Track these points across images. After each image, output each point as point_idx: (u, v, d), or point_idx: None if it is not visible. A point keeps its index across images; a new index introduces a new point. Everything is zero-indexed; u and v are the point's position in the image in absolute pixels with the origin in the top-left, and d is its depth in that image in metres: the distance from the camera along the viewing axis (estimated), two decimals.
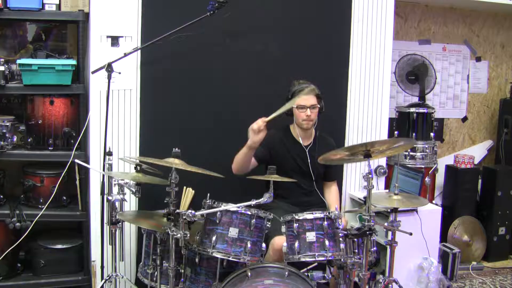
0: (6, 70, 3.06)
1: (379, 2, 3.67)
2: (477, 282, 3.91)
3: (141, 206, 3.22)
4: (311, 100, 3.10)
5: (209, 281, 2.61)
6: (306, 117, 3.11)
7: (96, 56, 3.09)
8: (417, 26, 4.71)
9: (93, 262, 3.16)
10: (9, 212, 3.13)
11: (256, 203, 2.44)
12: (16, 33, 3.47)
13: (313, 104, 3.11)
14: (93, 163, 3.12)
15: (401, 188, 3.34)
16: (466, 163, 4.31)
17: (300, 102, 3.08)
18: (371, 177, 2.48)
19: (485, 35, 4.98)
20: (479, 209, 4.39)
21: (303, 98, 3.07)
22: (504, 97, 5.00)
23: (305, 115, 3.10)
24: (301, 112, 3.11)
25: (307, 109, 3.09)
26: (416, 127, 4.27)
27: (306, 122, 3.13)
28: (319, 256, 2.47)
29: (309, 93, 3.08)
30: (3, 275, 3.15)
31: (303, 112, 3.10)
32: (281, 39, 3.48)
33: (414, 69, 4.38)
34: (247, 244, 2.47)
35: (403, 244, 3.09)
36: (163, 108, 3.28)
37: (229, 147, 3.40)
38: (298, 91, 3.08)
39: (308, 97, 3.09)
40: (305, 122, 3.13)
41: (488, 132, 5.12)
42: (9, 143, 3.11)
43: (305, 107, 3.09)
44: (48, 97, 3.16)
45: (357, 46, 3.66)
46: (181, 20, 3.06)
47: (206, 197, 2.57)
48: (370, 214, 2.46)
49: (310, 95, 3.10)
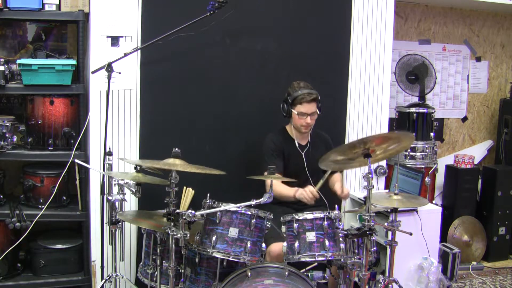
0: (6, 70, 3.06)
1: (379, 2, 3.67)
2: (477, 282, 3.91)
3: (141, 206, 3.22)
4: (313, 108, 3.07)
5: (209, 281, 2.61)
6: (306, 124, 3.09)
7: (96, 56, 3.09)
8: (417, 26, 4.71)
9: (93, 262, 3.16)
10: (9, 212, 3.13)
11: (256, 203, 2.44)
12: (16, 33, 3.47)
13: (314, 112, 3.08)
14: (93, 163, 3.12)
15: (401, 188, 3.34)
16: (466, 163, 4.31)
17: (301, 109, 3.05)
18: (371, 177, 2.48)
19: (485, 35, 4.98)
20: (479, 209, 4.39)
21: (304, 106, 3.05)
22: (504, 97, 5.00)
23: (305, 121, 3.08)
24: (301, 118, 3.08)
25: (308, 116, 3.07)
26: (416, 127, 4.27)
27: (305, 127, 3.11)
28: (319, 256, 2.46)
29: (312, 102, 3.06)
30: (3, 275, 3.15)
31: (303, 119, 3.08)
32: (281, 39, 3.48)
33: (414, 69, 4.38)
34: (247, 244, 2.47)
35: (403, 244, 3.09)
36: (163, 108, 3.28)
37: (229, 147, 3.41)
38: (301, 98, 3.04)
39: (310, 105, 3.06)
40: (303, 127, 3.11)
41: (488, 132, 5.11)
42: (9, 143, 3.11)
43: (306, 114, 3.07)
44: (48, 97, 3.16)
45: (357, 46, 3.66)
46: (181, 20, 3.06)
47: (206, 197, 2.57)
48: (370, 214, 2.46)
49: (312, 103, 3.06)
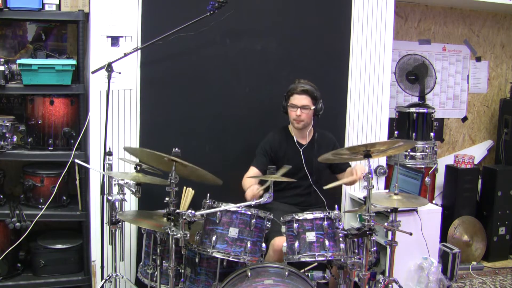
0: (6, 70, 3.06)
1: (379, 2, 3.67)
2: (477, 282, 3.91)
3: (141, 206, 3.22)
4: (303, 101, 3.05)
5: (209, 281, 2.61)
6: (296, 117, 3.08)
7: (96, 56, 3.09)
8: (417, 26, 4.71)
9: (93, 262, 3.16)
10: (9, 212, 3.13)
11: (256, 203, 2.44)
12: (16, 33, 3.47)
13: (305, 105, 3.05)
14: (93, 163, 3.12)
15: (401, 188, 3.34)
16: (466, 163, 4.31)
17: (292, 100, 3.07)
18: (371, 177, 2.48)
19: (485, 35, 4.98)
20: (479, 209, 4.39)
21: (295, 97, 3.06)
22: (504, 97, 5.00)
23: (295, 114, 3.07)
24: (292, 111, 3.09)
25: (297, 108, 3.06)
26: (416, 127, 4.26)
27: (296, 121, 3.10)
28: (319, 256, 2.47)
29: (302, 93, 3.05)
30: (3, 275, 3.15)
31: (293, 111, 3.08)
32: (281, 39, 3.48)
33: (414, 69, 4.38)
34: (247, 244, 2.47)
35: (403, 244, 3.10)
36: (163, 108, 3.28)
37: (229, 147, 3.41)
38: (292, 89, 3.08)
39: (301, 97, 3.05)
40: (295, 121, 3.11)
41: (488, 132, 5.11)
42: (9, 143, 3.11)
43: (296, 106, 3.06)
44: (48, 97, 3.16)
45: (357, 46, 3.65)
46: (181, 20, 3.06)
47: (206, 197, 2.57)
48: (370, 214, 2.46)
49: (303, 95, 3.05)
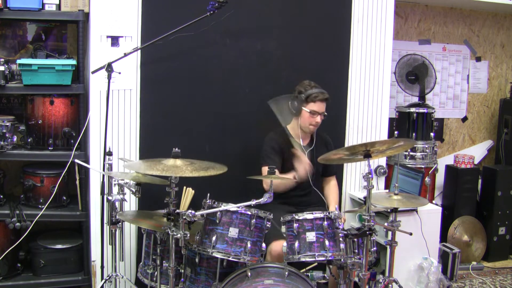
0: (6, 70, 3.06)
1: (379, 2, 3.67)
2: (477, 282, 3.91)
3: (141, 206, 3.22)
4: (323, 108, 3.11)
5: (209, 281, 2.61)
6: (315, 123, 3.11)
7: (96, 56, 3.09)
8: (417, 26, 4.71)
9: (93, 262, 3.16)
10: (9, 212, 3.13)
11: (256, 203, 2.44)
12: (16, 33, 3.46)
13: (323, 112, 3.11)
14: (93, 163, 3.12)
15: (401, 188, 3.34)
16: (466, 163, 4.31)
17: (314, 107, 3.08)
18: (371, 177, 2.48)
19: (485, 35, 4.98)
20: (479, 209, 4.39)
21: (317, 104, 3.07)
22: (504, 97, 5.00)
23: (314, 120, 3.10)
24: (311, 117, 3.10)
25: (318, 115, 3.10)
26: (416, 127, 4.27)
27: (314, 126, 3.14)
28: (319, 256, 2.47)
29: (324, 101, 3.09)
30: (3, 275, 3.15)
31: (313, 117, 3.10)
32: (281, 39, 3.48)
33: (414, 69, 4.38)
34: (247, 244, 2.47)
35: (403, 244, 3.10)
36: (163, 108, 3.28)
37: (229, 147, 3.41)
38: (314, 96, 3.07)
39: (322, 104, 3.09)
40: (312, 126, 3.13)
41: (488, 132, 5.11)
42: (9, 143, 3.11)
43: (317, 113, 3.09)
44: (48, 97, 3.16)
45: (357, 46, 3.66)
46: (181, 20, 3.05)
47: (206, 197, 2.57)
48: (370, 214, 2.46)
49: (324, 103, 3.10)
